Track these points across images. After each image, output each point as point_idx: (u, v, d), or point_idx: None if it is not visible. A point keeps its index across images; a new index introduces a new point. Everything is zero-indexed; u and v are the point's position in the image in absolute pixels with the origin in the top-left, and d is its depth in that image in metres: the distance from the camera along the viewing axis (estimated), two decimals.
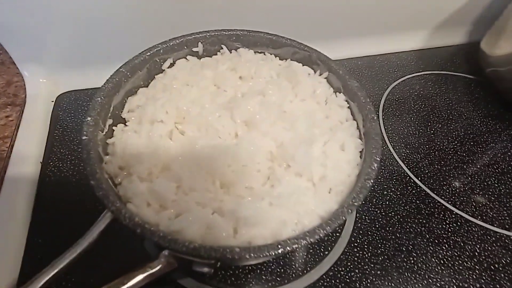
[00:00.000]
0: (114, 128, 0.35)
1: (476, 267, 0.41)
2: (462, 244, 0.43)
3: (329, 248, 0.41)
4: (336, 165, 0.32)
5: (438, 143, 0.55)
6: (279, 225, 0.27)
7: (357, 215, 0.45)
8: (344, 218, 0.26)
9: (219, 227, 0.26)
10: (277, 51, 0.44)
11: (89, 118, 0.31)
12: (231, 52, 0.45)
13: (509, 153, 0.54)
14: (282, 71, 0.41)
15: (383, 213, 0.46)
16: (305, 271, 0.39)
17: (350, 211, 0.27)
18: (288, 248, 0.24)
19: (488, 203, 0.48)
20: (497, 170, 0.52)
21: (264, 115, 0.33)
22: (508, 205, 0.48)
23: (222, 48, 0.44)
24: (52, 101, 0.56)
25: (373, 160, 0.30)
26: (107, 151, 0.33)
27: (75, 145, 0.50)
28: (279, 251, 0.24)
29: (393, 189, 0.48)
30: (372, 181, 0.29)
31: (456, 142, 0.56)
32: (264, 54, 0.45)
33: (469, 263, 0.42)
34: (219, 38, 0.44)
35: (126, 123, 0.36)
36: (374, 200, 0.47)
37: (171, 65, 0.42)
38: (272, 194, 0.29)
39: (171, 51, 0.42)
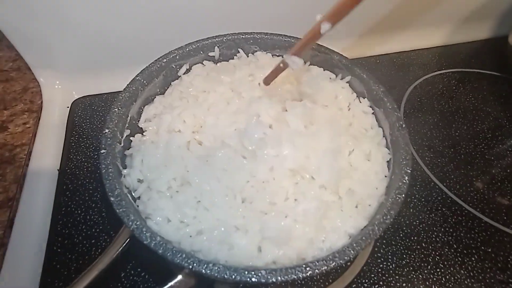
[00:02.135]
0: (131, 138, 0.34)
1: (510, 280, 0.39)
2: (493, 255, 0.41)
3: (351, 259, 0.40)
4: (362, 177, 0.30)
5: (464, 145, 0.53)
6: (305, 244, 0.26)
7: None
8: (375, 237, 0.25)
9: (243, 247, 0.25)
10: None
11: (107, 130, 0.31)
12: (248, 56, 0.43)
13: None
14: (302, 75, 0.40)
15: (407, 222, 0.44)
16: (326, 283, 0.38)
17: (381, 229, 0.25)
18: (316, 270, 0.23)
19: None
20: None
21: (285, 125, 0.32)
22: None
23: (238, 52, 0.43)
24: (68, 107, 0.55)
25: (403, 173, 0.28)
26: (125, 163, 0.33)
27: (91, 152, 0.49)
28: (308, 274, 0.23)
29: (417, 196, 0.46)
30: (403, 196, 0.27)
31: (483, 144, 0.53)
32: (282, 57, 0.43)
33: (501, 275, 0.39)
34: (236, 42, 0.42)
35: (144, 133, 0.35)
36: None
37: (187, 70, 0.41)
38: (297, 211, 0.27)
39: (187, 57, 0.41)
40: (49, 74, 0.54)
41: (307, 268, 0.23)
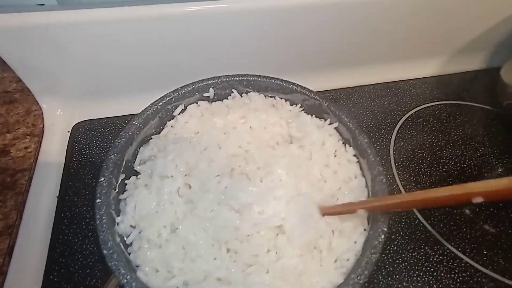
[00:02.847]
0: (126, 181, 0.36)
1: None
2: None
3: None
4: (343, 230, 0.32)
5: (451, 182, 0.54)
6: None
7: None
8: None
9: None
10: (288, 96, 0.44)
11: (102, 179, 0.33)
12: (241, 96, 0.45)
13: None
14: (292, 119, 0.42)
15: (390, 260, 0.45)
16: None
17: None
18: None
19: (500, 251, 0.47)
20: (511, 215, 0.51)
21: (269, 179, 0.33)
22: None
23: (232, 92, 0.45)
24: (68, 132, 0.57)
25: (380, 231, 0.30)
26: (119, 207, 0.34)
27: (89, 179, 0.51)
28: None
29: (401, 233, 0.48)
30: (378, 255, 0.29)
31: (469, 181, 0.53)
32: (275, 99, 0.45)
33: None
34: (229, 83, 0.44)
35: (138, 176, 0.37)
36: None
37: (182, 110, 0.43)
38: (277, 266, 0.29)
39: (182, 98, 0.42)
40: (51, 101, 0.56)
41: None
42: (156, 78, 0.56)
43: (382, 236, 0.30)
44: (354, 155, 0.39)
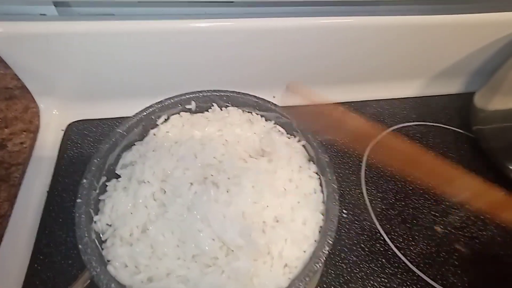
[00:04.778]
0: (107, 183, 0.40)
1: None
2: None
3: None
4: (295, 240, 0.36)
5: (415, 200, 0.58)
6: None
7: (324, 268, 0.49)
8: None
9: None
10: (263, 113, 0.48)
11: (85, 181, 0.36)
12: (221, 109, 0.49)
13: (481, 217, 0.57)
14: (264, 135, 0.45)
15: (349, 269, 0.49)
16: None
17: None
18: None
19: (451, 268, 0.51)
20: (466, 235, 0.54)
21: (235, 189, 0.37)
22: (472, 272, 0.50)
23: (213, 105, 0.49)
24: (62, 130, 0.61)
25: (325, 244, 0.34)
26: (98, 207, 0.38)
27: (78, 177, 0.55)
28: None
29: (362, 245, 0.52)
30: (320, 264, 0.33)
31: (432, 200, 0.58)
32: (252, 114, 0.49)
33: None
34: (210, 98, 0.48)
35: (118, 179, 0.41)
36: (342, 254, 0.51)
37: (165, 120, 0.47)
38: (232, 267, 0.33)
39: (165, 109, 0.46)
40: (48, 101, 0.60)
41: None
42: (146, 86, 0.60)
43: (327, 248, 0.34)
44: (316, 172, 0.42)
